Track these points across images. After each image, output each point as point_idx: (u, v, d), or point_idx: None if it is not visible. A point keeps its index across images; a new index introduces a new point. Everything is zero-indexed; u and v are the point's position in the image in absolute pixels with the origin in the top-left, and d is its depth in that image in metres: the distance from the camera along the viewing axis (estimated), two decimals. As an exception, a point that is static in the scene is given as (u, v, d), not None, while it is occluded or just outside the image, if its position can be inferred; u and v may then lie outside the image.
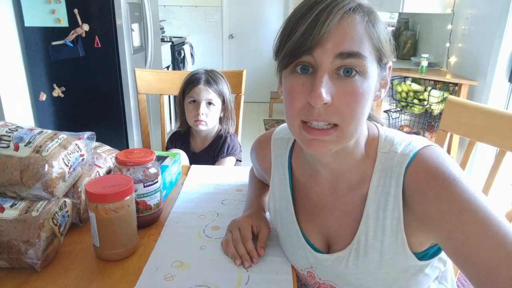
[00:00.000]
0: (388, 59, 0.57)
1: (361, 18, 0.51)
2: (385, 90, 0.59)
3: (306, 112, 0.53)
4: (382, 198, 0.59)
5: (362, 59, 0.51)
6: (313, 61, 0.51)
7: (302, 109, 0.53)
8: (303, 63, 0.52)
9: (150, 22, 2.63)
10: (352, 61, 0.51)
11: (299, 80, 0.53)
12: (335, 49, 0.50)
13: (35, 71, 2.33)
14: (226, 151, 1.41)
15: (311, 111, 0.52)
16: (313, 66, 0.52)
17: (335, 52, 0.50)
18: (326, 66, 0.51)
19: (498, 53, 2.23)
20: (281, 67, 0.55)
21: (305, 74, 0.53)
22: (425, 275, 0.63)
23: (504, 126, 0.86)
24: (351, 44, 0.50)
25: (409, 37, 3.31)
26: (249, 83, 1.62)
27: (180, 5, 4.88)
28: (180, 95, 1.40)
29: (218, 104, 1.38)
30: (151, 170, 0.78)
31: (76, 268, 0.68)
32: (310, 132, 0.54)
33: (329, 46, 0.50)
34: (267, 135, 0.80)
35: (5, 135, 0.72)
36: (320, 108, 0.51)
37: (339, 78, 0.51)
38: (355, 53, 0.50)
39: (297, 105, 0.53)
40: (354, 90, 0.51)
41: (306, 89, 0.52)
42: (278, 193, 0.74)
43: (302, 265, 0.70)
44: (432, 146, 0.58)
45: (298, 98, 0.53)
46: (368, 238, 0.60)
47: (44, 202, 0.70)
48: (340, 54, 0.50)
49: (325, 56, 0.50)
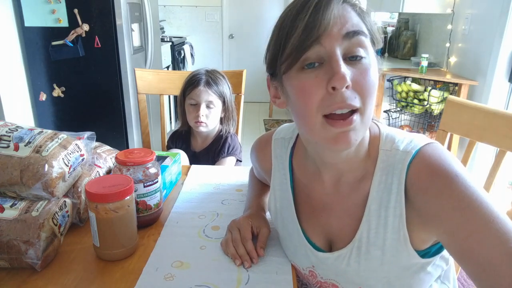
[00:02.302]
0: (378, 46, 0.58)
1: (353, 7, 0.55)
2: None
3: (328, 102, 0.52)
4: (384, 195, 0.59)
5: (366, 36, 0.54)
6: (323, 50, 0.51)
7: (322, 101, 0.52)
8: (309, 60, 0.52)
9: (150, 22, 2.63)
10: (359, 39, 0.52)
11: (310, 75, 0.52)
12: (341, 31, 0.52)
13: (35, 71, 2.33)
14: (227, 151, 1.41)
15: (333, 99, 0.51)
16: (321, 58, 0.52)
17: (342, 33, 0.52)
18: (337, 50, 0.51)
19: (498, 53, 2.23)
20: (285, 69, 0.55)
21: (313, 68, 0.52)
22: (427, 273, 0.63)
23: (504, 126, 0.86)
24: (353, 25, 0.53)
25: (409, 37, 3.31)
26: (249, 83, 1.61)
27: (180, 5, 4.88)
28: (180, 96, 1.40)
29: (219, 105, 1.38)
30: (151, 170, 0.78)
31: (76, 268, 0.68)
32: (335, 124, 0.52)
33: (335, 30, 0.51)
34: (267, 136, 0.80)
35: (5, 135, 0.72)
36: (343, 92, 0.51)
37: (349, 64, 0.52)
38: (360, 31, 0.53)
39: (316, 99, 0.52)
40: (366, 71, 0.53)
41: (321, 80, 0.51)
42: (279, 193, 0.74)
43: (303, 265, 0.70)
44: (434, 143, 0.58)
45: (315, 91, 0.52)
46: (370, 235, 0.60)
47: (44, 202, 0.70)
48: (346, 34, 0.52)
49: (334, 40, 0.51)
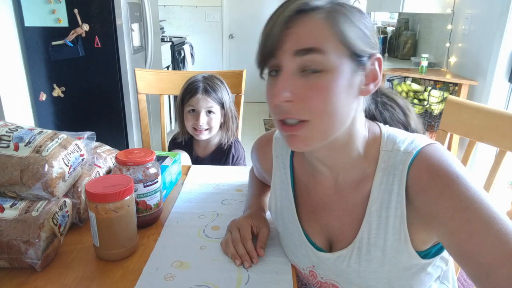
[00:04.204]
0: (366, 53, 0.55)
1: (321, 16, 0.52)
2: (375, 84, 0.57)
3: (278, 110, 0.56)
4: (385, 196, 0.59)
5: (322, 54, 0.52)
6: (278, 62, 0.55)
7: (275, 109, 0.56)
8: (270, 68, 0.56)
9: (150, 22, 2.63)
10: (311, 57, 0.52)
11: (270, 83, 0.57)
12: (292, 48, 0.52)
13: (35, 71, 2.33)
14: (232, 161, 1.40)
15: (281, 110, 0.55)
16: (278, 67, 0.55)
17: (292, 50, 0.52)
18: (286, 65, 0.54)
19: (498, 53, 2.23)
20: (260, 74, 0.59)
21: (274, 77, 0.56)
22: (427, 274, 0.63)
23: (504, 126, 0.86)
24: (307, 42, 0.52)
25: (409, 37, 3.31)
26: (249, 83, 1.61)
27: (180, 5, 4.88)
28: (179, 104, 1.38)
29: (218, 112, 1.37)
30: (151, 170, 0.78)
31: (76, 268, 0.68)
32: (284, 128, 0.57)
33: (287, 46, 0.53)
34: (268, 136, 0.80)
35: (5, 135, 0.72)
36: (286, 105, 0.54)
37: (304, 76, 0.54)
38: (312, 49, 0.52)
39: (271, 105, 0.57)
40: (320, 85, 0.53)
41: (274, 89, 0.55)
42: (279, 192, 0.74)
43: (304, 265, 0.70)
44: (435, 144, 0.58)
45: (270, 99, 0.56)
46: (370, 236, 0.60)
47: (44, 202, 0.70)
48: (297, 51, 0.52)
49: (284, 56, 0.53)
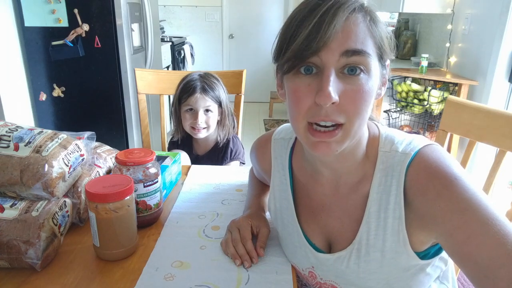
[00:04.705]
0: (388, 57, 0.57)
1: (363, 17, 0.52)
2: (384, 88, 0.60)
3: (313, 112, 0.52)
4: (383, 197, 0.59)
5: (367, 56, 0.51)
6: (319, 61, 0.51)
7: (309, 110, 0.53)
8: (308, 64, 0.52)
9: (150, 22, 2.63)
10: (357, 59, 0.51)
11: (304, 81, 0.52)
12: (340, 47, 0.50)
13: (35, 71, 2.33)
14: (230, 156, 1.41)
15: (318, 112, 0.52)
16: (318, 66, 0.52)
17: (341, 50, 0.50)
18: (332, 65, 0.51)
19: (498, 53, 2.23)
20: (285, 71, 0.54)
21: (310, 75, 0.52)
22: (427, 274, 0.63)
23: (504, 126, 0.86)
24: (356, 42, 0.50)
25: (409, 37, 3.31)
26: (249, 83, 1.61)
27: (180, 5, 4.88)
28: (175, 103, 1.38)
29: (216, 110, 1.37)
30: (151, 170, 0.78)
31: (76, 268, 0.68)
32: (315, 134, 0.53)
33: (334, 45, 0.50)
34: (267, 136, 0.80)
35: (5, 135, 0.72)
36: (328, 107, 0.51)
37: (344, 77, 0.52)
38: (360, 51, 0.51)
39: (303, 106, 0.53)
40: (360, 88, 0.51)
41: (312, 90, 0.52)
42: (278, 193, 0.74)
43: (303, 265, 0.70)
44: (433, 145, 0.58)
45: (304, 99, 0.52)
46: (369, 237, 0.60)
47: (44, 202, 0.70)
48: (345, 52, 0.50)
49: (331, 55, 0.50)
